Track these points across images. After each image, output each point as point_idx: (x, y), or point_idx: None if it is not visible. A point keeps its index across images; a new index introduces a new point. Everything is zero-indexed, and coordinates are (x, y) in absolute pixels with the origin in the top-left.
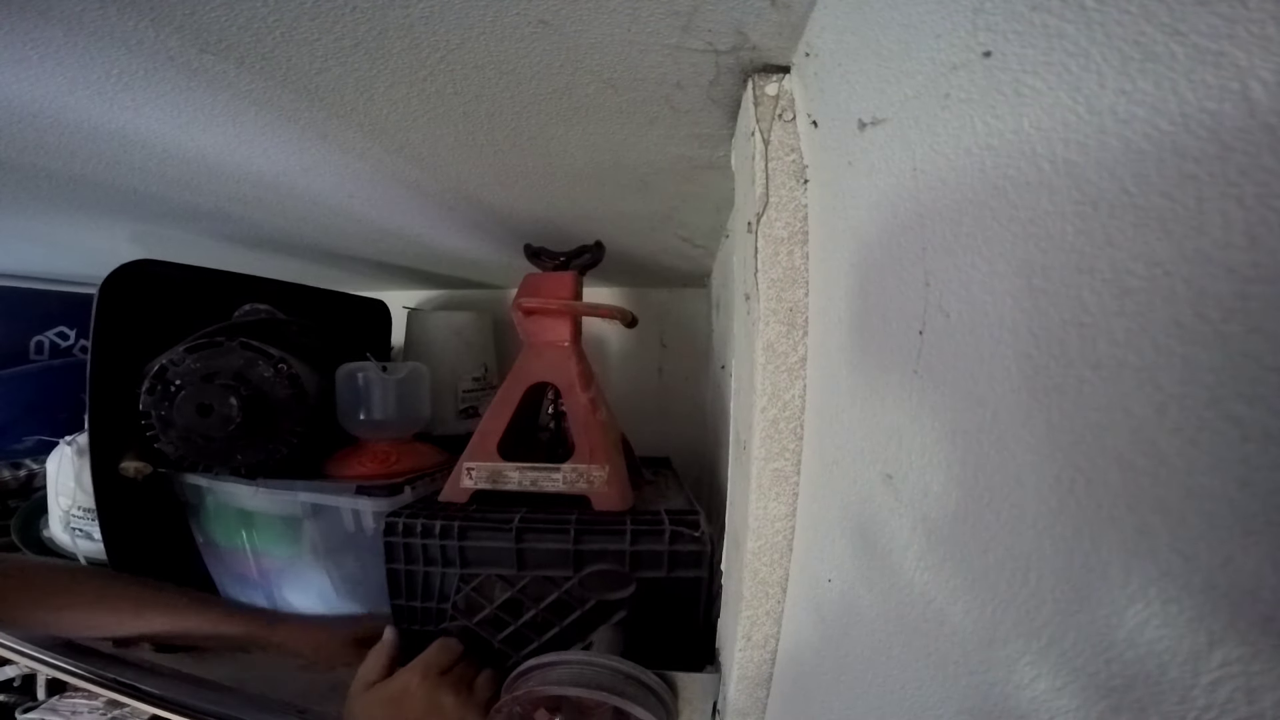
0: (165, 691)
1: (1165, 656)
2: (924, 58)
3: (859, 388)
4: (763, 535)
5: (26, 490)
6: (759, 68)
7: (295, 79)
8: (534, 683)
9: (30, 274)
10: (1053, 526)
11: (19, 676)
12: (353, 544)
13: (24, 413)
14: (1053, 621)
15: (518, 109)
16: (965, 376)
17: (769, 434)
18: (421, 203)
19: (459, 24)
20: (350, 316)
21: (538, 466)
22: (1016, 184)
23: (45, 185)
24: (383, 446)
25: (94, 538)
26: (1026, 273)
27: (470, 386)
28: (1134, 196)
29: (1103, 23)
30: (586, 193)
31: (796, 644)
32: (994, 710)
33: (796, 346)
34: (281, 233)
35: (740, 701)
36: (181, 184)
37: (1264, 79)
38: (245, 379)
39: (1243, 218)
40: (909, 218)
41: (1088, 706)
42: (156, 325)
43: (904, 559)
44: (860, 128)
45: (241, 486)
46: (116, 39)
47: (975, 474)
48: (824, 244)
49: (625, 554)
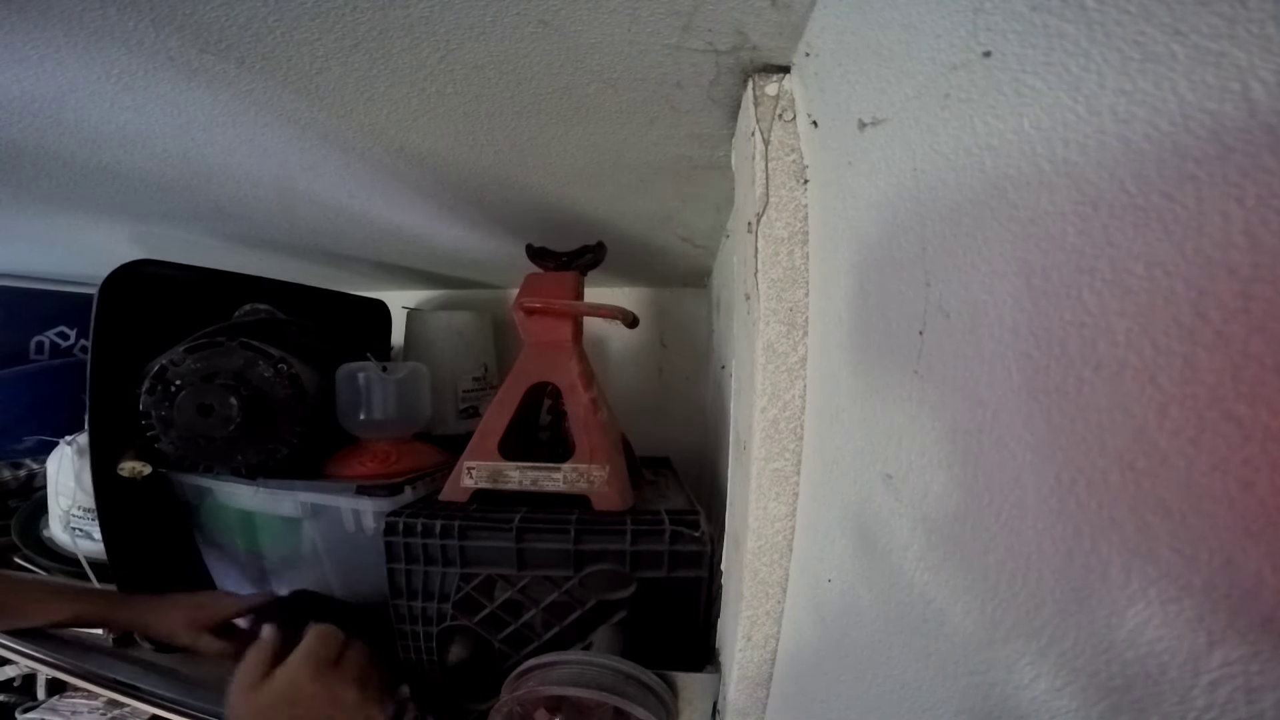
0: (165, 691)
1: (1165, 656)
2: (924, 58)
3: (859, 388)
4: (763, 535)
5: (26, 490)
6: (759, 68)
7: (295, 79)
8: (534, 683)
9: (30, 274)
10: (1053, 526)
11: (19, 676)
12: (353, 544)
13: (24, 413)
14: (1053, 621)
15: (518, 109)
16: (965, 376)
17: (769, 434)
18: (421, 203)
19: (459, 24)
20: (350, 316)
21: (538, 466)
22: (1016, 184)
23: (45, 185)
24: (383, 446)
25: (94, 538)
26: (1026, 273)
27: (470, 386)
28: (1134, 196)
29: (1103, 23)
30: (587, 193)
31: (796, 644)
32: (994, 710)
33: (796, 346)
34: (281, 233)
35: (740, 701)
36: (181, 184)
37: (1264, 79)
38: (245, 379)
39: (1243, 218)
40: (909, 218)
41: (1088, 706)
42: (156, 325)
43: (904, 559)
44: (860, 128)
45: (242, 486)
46: (116, 39)
47: (975, 474)
48: (824, 244)
49: (625, 554)
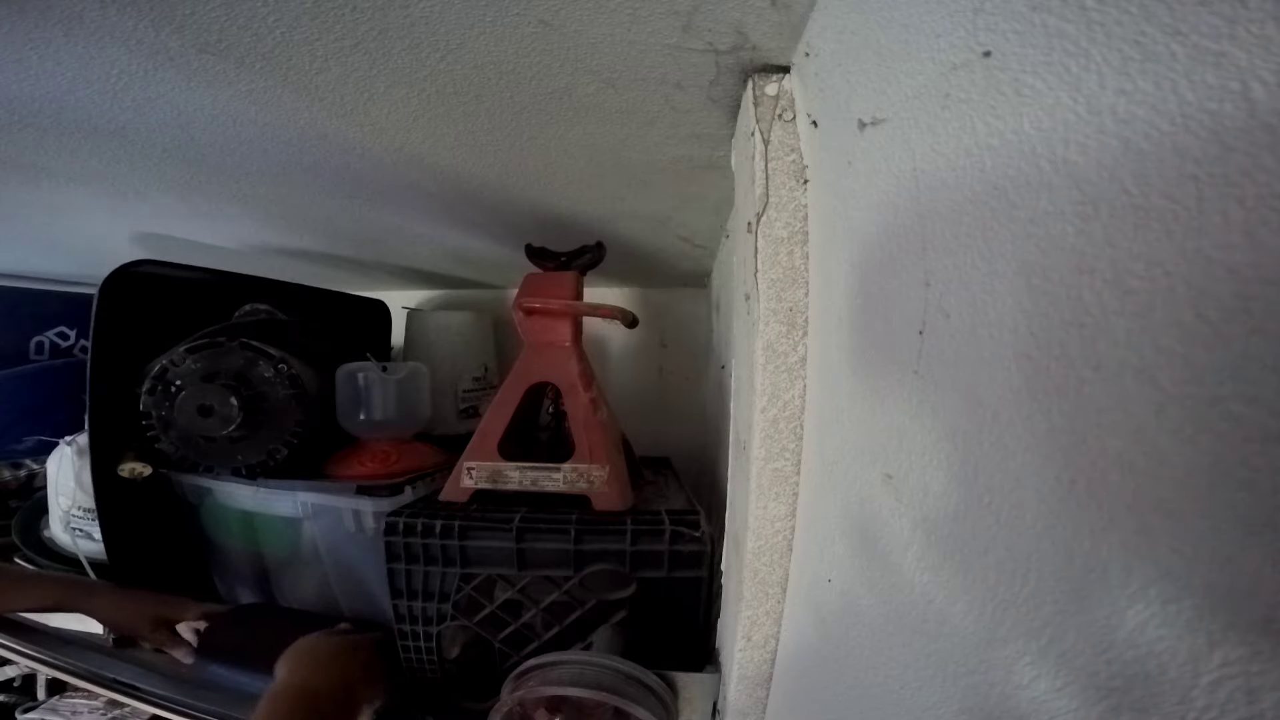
0: (165, 691)
1: (1165, 656)
2: (924, 58)
3: (859, 388)
4: (763, 535)
5: (26, 490)
6: (759, 68)
7: (295, 79)
8: (534, 683)
9: (30, 274)
10: (1053, 526)
11: (19, 676)
12: (353, 544)
13: (24, 413)
14: (1053, 621)
15: (518, 109)
16: (965, 376)
17: (769, 434)
18: (421, 202)
19: (459, 24)
20: (350, 316)
21: (538, 466)
22: (1016, 184)
23: (45, 185)
24: (383, 446)
25: (94, 538)
26: (1026, 273)
27: (470, 386)
28: (1134, 196)
29: (1103, 23)
30: (587, 193)
31: (796, 644)
32: (994, 710)
33: (796, 346)
34: (282, 233)
35: (740, 701)
36: (181, 184)
37: (1264, 79)
38: (245, 379)
39: (1243, 218)
40: (909, 218)
41: (1088, 706)
42: (156, 325)
43: (904, 559)
44: (860, 128)
45: (242, 487)
46: (116, 39)
47: (975, 474)
48: (824, 244)
49: (625, 554)
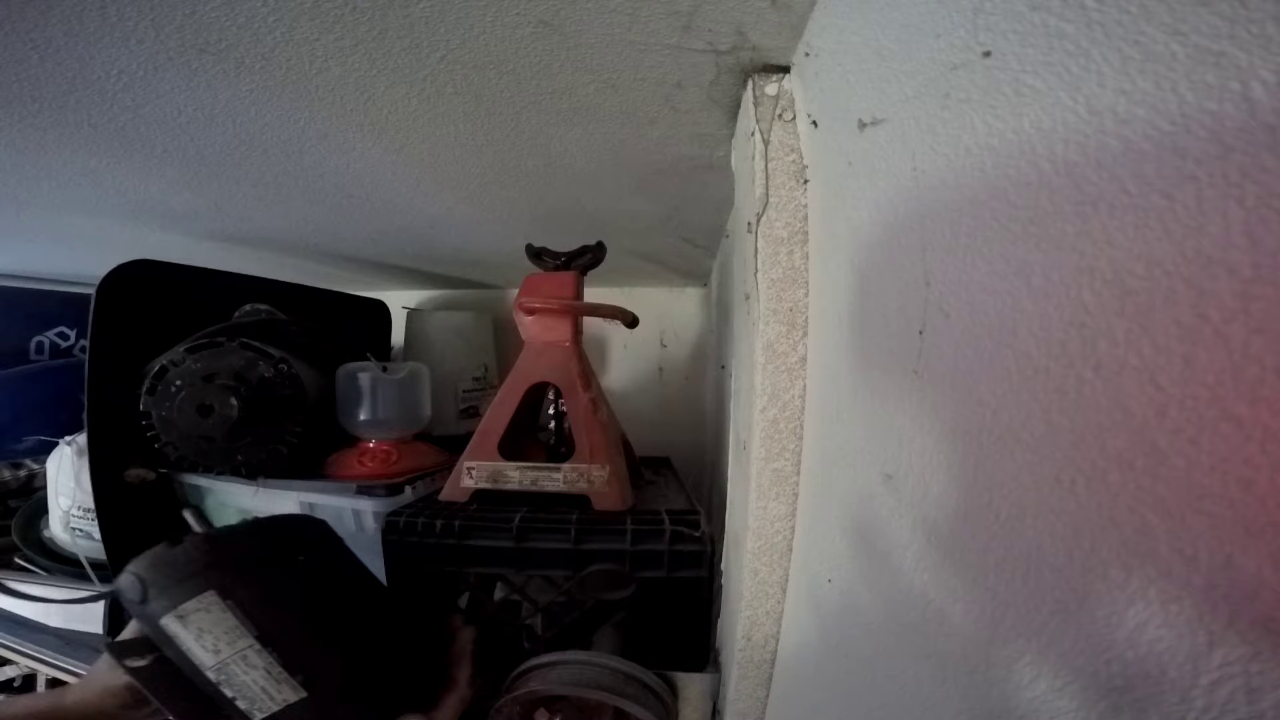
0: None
1: (1165, 656)
2: (924, 57)
3: (859, 388)
4: (763, 535)
5: (26, 490)
6: (759, 68)
7: (295, 79)
8: (534, 683)
9: (30, 274)
10: (1053, 526)
11: (19, 676)
12: (353, 544)
13: (24, 413)
14: (1053, 621)
15: (518, 109)
16: (965, 376)
17: (769, 434)
18: (422, 203)
19: (459, 24)
20: (350, 316)
21: (538, 466)
22: (1016, 184)
23: (45, 185)
24: (383, 446)
25: (94, 538)
26: (1026, 273)
27: (470, 386)
28: (1134, 196)
29: (1103, 23)
30: (587, 193)
31: (796, 644)
32: (994, 710)
33: (796, 346)
34: (281, 233)
35: (740, 701)
36: (181, 184)
37: (1264, 79)
38: (245, 379)
39: (1243, 218)
40: (909, 218)
41: (1088, 706)
42: (156, 325)
43: (904, 559)
44: (860, 128)
45: (242, 487)
46: (116, 39)
47: (975, 474)
48: (824, 244)
49: (625, 554)
